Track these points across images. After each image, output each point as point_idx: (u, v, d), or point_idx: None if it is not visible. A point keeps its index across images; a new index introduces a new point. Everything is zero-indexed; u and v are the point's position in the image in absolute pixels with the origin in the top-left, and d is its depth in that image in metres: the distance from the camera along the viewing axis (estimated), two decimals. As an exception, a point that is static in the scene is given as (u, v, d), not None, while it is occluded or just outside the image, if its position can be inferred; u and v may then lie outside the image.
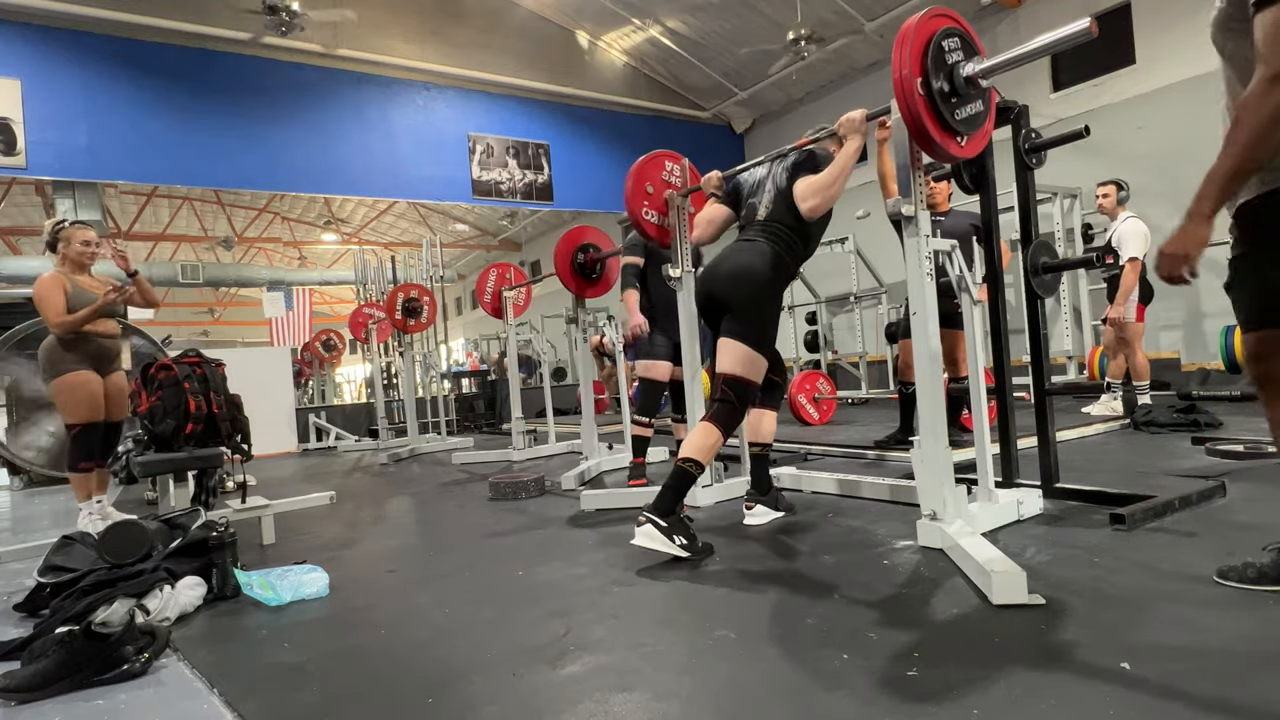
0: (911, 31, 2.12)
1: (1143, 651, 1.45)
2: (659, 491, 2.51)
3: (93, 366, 3.58)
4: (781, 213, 2.70)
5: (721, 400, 2.61)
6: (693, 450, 2.53)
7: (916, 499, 2.51)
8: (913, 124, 2.17)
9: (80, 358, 3.52)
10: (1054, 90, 7.62)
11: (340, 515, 3.84)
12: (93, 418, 3.56)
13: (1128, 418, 4.79)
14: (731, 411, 2.61)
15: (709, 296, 2.73)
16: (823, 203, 2.59)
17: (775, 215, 2.72)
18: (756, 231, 2.73)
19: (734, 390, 2.60)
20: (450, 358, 12.02)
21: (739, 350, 2.60)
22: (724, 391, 2.61)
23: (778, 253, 2.66)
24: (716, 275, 2.69)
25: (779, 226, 2.70)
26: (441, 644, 1.85)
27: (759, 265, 2.63)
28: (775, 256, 2.65)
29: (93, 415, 3.56)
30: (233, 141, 7.97)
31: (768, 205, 2.75)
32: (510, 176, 9.69)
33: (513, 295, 6.03)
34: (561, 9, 9.83)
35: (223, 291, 19.67)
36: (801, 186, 2.64)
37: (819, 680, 1.46)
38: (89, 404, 3.54)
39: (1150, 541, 2.22)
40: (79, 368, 3.51)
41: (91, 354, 3.58)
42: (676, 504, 2.49)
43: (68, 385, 3.50)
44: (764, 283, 2.63)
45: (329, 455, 7.78)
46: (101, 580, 2.21)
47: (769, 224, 2.72)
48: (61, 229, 3.67)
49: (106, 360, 3.67)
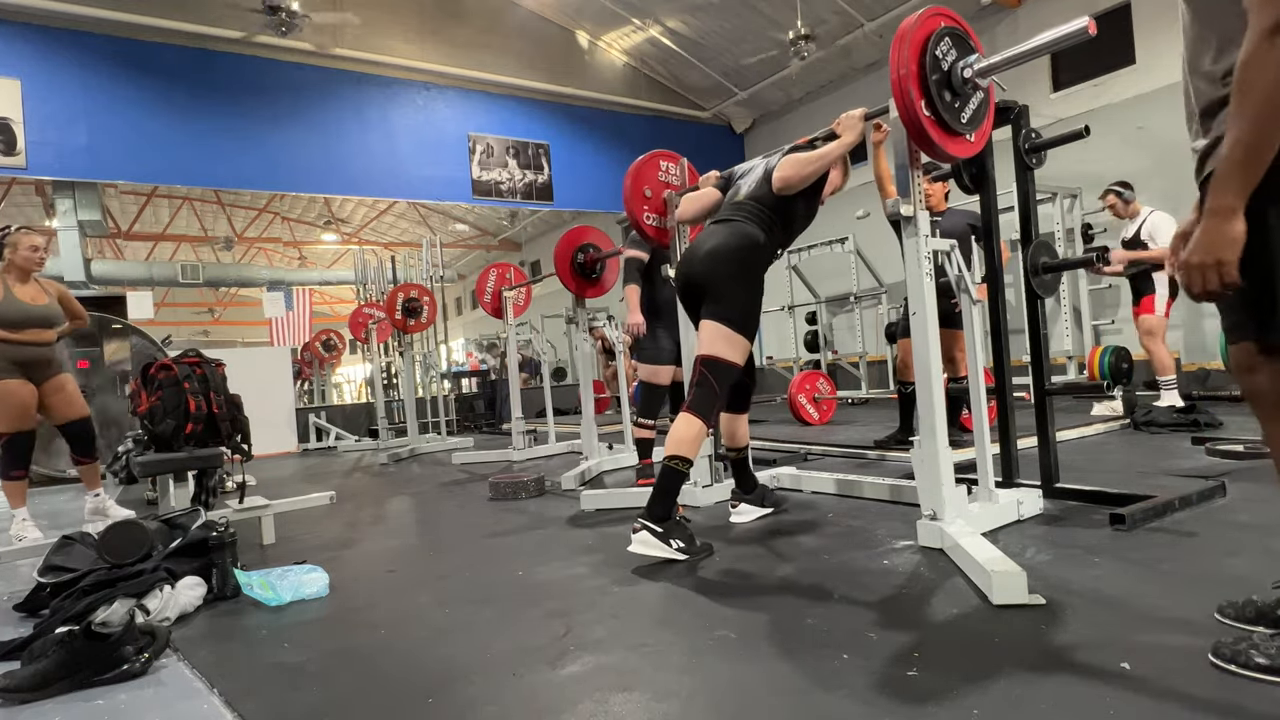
0: (909, 31, 2.13)
1: (1143, 651, 1.45)
2: (650, 496, 2.45)
3: (22, 375, 3.55)
4: (762, 193, 2.68)
5: (698, 384, 2.50)
6: (676, 445, 2.44)
7: (916, 499, 2.50)
8: (911, 124, 2.17)
9: (7, 366, 3.50)
10: (1054, 90, 7.62)
11: (340, 515, 3.84)
12: (19, 426, 3.53)
13: (1128, 418, 4.79)
14: (710, 395, 2.49)
15: (687, 280, 2.67)
16: (793, 176, 2.55)
17: (755, 195, 2.69)
18: (733, 211, 2.70)
19: (711, 371, 2.49)
20: (450, 358, 12.02)
21: (717, 330, 2.53)
22: (700, 373, 2.51)
23: (753, 230, 2.61)
24: (694, 257, 2.65)
25: (756, 205, 2.66)
26: (441, 644, 1.85)
27: (734, 243, 2.58)
28: (751, 233, 2.60)
29: (19, 424, 3.53)
30: (233, 141, 7.97)
31: (750, 186, 2.73)
32: (510, 176, 9.69)
33: (513, 295, 6.04)
34: (561, 9, 9.83)
35: (223, 291, 19.67)
36: (782, 160, 2.64)
37: (819, 680, 1.46)
38: (16, 413, 3.52)
39: (1150, 541, 2.22)
40: (5, 377, 3.50)
41: (20, 362, 3.55)
42: (670, 506, 2.43)
43: None
44: (740, 260, 2.56)
45: (329, 455, 7.78)
46: (101, 580, 2.20)
47: (746, 203, 2.68)
48: (8, 234, 3.66)
49: (39, 367, 3.63)
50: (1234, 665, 1.27)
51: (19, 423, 3.53)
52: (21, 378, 3.55)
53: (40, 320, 3.61)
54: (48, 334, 3.66)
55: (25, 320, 3.55)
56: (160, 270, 13.96)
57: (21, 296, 3.59)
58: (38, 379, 3.63)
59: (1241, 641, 1.29)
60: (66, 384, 3.76)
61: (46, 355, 3.66)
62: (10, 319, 3.50)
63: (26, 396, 3.56)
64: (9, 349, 3.51)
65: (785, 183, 2.58)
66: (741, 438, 2.98)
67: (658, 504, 2.42)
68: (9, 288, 3.56)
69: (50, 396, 3.68)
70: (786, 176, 2.57)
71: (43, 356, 3.64)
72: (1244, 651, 1.26)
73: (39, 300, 3.65)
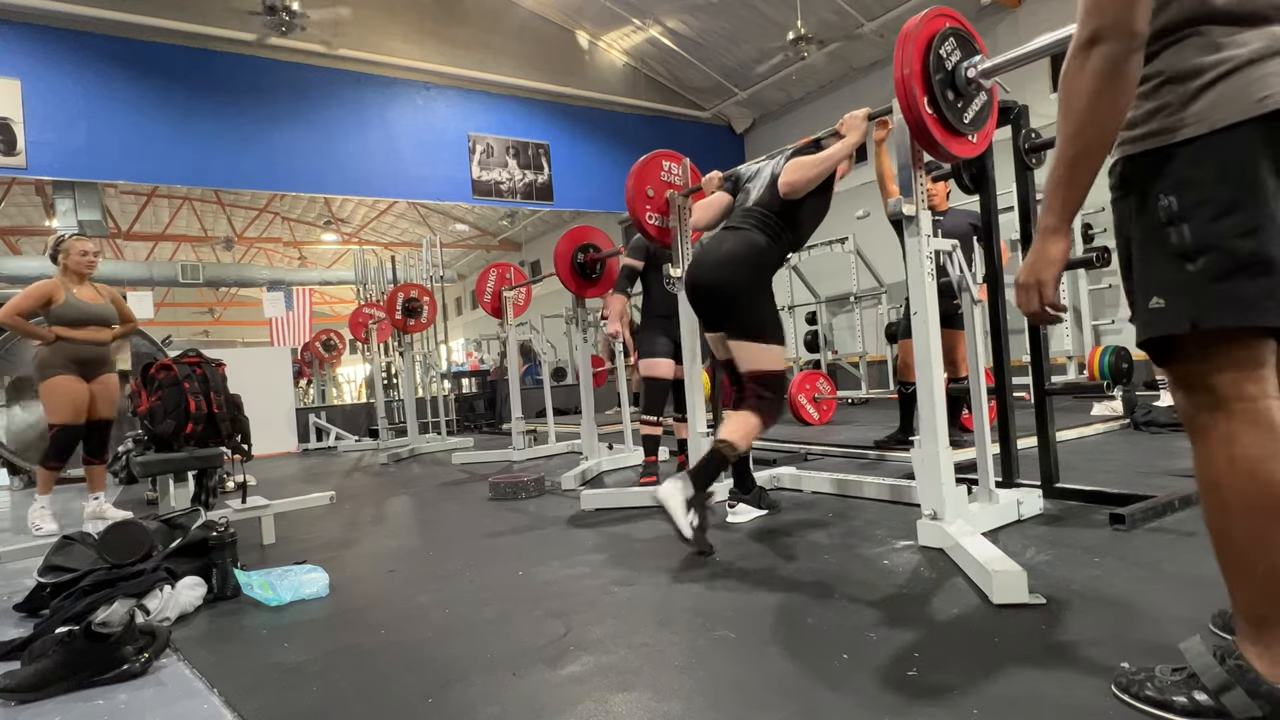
0: (913, 31, 2.13)
1: (1143, 651, 1.45)
2: (699, 463, 2.45)
3: (77, 372, 3.76)
4: (769, 199, 2.69)
5: (759, 397, 2.56)
6: (729, 433, 2.46)
7: (916, 499, 2.51)
8: (915, 124, 2.17)
9: (64, 363, 3.71)
10: (1054, 90, 7.61)
11: (340, 515, 3.84)
12: (74, 420, 3.75)
13: (1128, 418, 4.79)
14: (773, 404, 2.58)
15: (696, 286, 2.70)
16: (799, 180, 2.58)
17: (762, 201, 2.70)
18: (741, 218, 2.72)
19: (765, 386, 2.57)
20: (450, 358, 12.02)
21: (750, 349, 2.59)
22: (757, 391, 2.57)
23: (762, 238, 2.63)
24: (702, 264, 2.68)
25: (764, 212, 2.67)
26: (441, 644, 1.85)
27: (744, 252, 2.60)
28: (759, 242, 2.62)
29: (74, 417, 3.75)
30: (233, 141, 7.97)
31: (758, 192, 2.74)
32: (510, 176, 9.69)
33: (513, 295, 6.04)
34: (561, 9, 9.82)
35: (223, 291, 19.68)
36: (787, 165, 2.65)
37: (819, 680, 1.46)
38: (71, 407, 3.73)
39: (1150, 541, 2.22)
40: (63, 373, 3.71)
41: (76, 360, 3.75)
42: (711, 480, 2.43)
43: (51, 388, 3.70)
44: (751, 270, 2.59)
45: (329, 455, 7.78)
46: (101, 580, 2.20)
47: (754, 210, 2.70)
48: (62, 241, 3.87)
49: (94, 366, 3.84)
50: (1126, 695, 1.25)
51: (73, 416, 3.74)
52: (78, 374, 3.76)
53: (98, 319, 3.84)
54: (105, 333, 3.89)
55: (85, 319, 3.79)
56: (160, 270, 13.95)
57: (81, 297, 3.82)
58: (90, 376, 3.83)
59: (1141, 673, 1.26)
60: (111, 383, 3.96)
61: (102, 354, 3.90)
62: (71, 318, 3.74)
63: (82, 392, 3.78)
64: (69, 347, 3.74)
65: (791, 188, 2.60)
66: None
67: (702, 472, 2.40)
68: (69, 289, 3.79)
69: (97, 393, 3.87)
70: (792, 181, 2.59)
71: (99, 355, 3.87)
72: (1138, 683, 1.24)
73: (96, 300, 3.88)
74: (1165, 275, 1.11)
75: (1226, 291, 1.06)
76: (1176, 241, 1.09)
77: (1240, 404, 1.10)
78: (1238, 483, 1.10)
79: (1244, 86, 1.04)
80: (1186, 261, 1.08)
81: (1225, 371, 1.10)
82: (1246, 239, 1.04)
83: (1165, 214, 1.10)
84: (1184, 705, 1.18)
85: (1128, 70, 1.06)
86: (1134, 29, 1.05)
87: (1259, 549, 1.10)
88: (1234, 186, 1.05)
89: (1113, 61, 1.05)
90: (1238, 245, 1.05)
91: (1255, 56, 1.04)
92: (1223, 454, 1.11)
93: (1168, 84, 1.10)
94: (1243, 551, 1.12)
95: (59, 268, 3.82)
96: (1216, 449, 1.12)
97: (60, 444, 3.74)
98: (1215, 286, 1.06)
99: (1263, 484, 1.08)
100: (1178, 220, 1.08)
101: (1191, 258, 1.08)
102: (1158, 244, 1.12)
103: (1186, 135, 1.08)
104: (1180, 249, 1.08)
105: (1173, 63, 1.10)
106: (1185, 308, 1.09)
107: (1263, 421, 1.09)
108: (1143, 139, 1.13)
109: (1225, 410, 1.11)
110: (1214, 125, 1.05)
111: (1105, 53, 1.05)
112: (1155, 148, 1.11)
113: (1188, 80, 1.08)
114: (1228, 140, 1.05)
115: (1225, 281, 1.06)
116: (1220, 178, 1.05)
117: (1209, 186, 1.06)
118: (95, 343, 3.82)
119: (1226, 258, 1.05)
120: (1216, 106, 1.05)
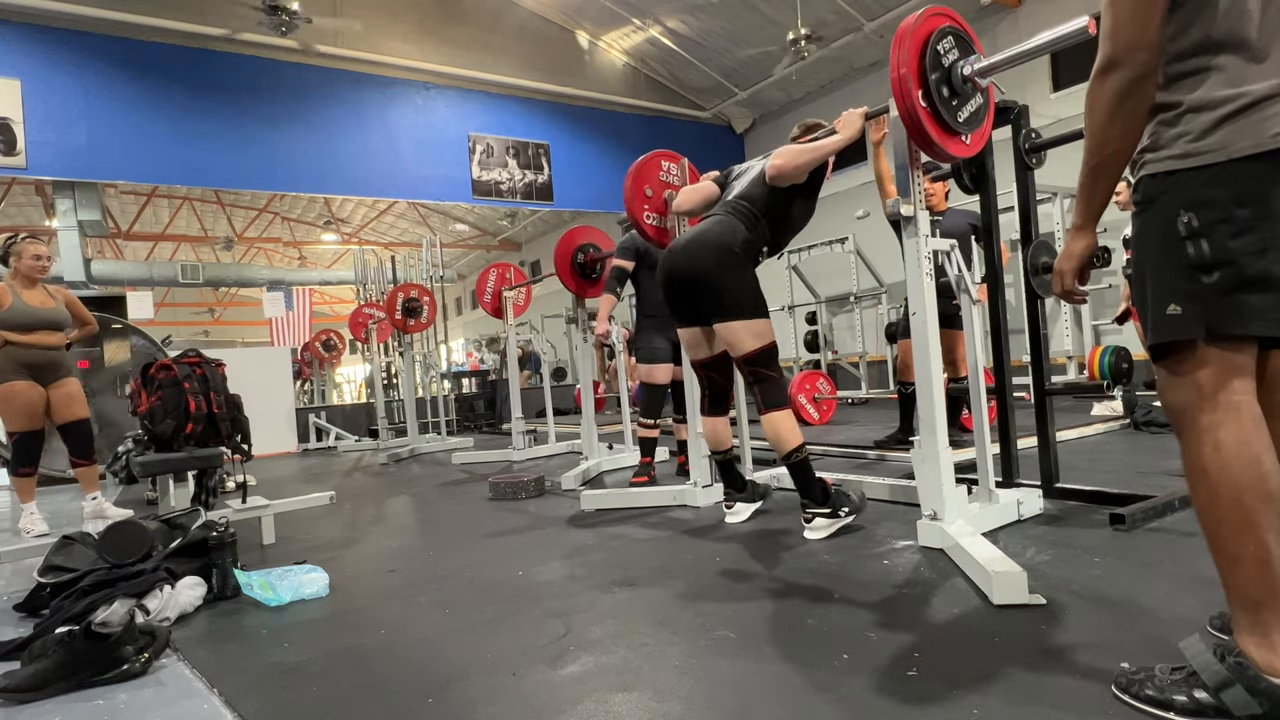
0: (909, 31, 2.13)
1: (1143, 651, 1.45)
2: (800, 490, 2.57)
3: (30, 377, 3.70)
4: (752, 191, 2.69)
5: (757, 382, 2.59)
6: (782, 443, 2.54)
7: (916, 499, 2.50)
8: (911, 123, 2.17)
9: (15, 369, 3.65)
10: (1054, 90, 7.61)
11: (340, 515, 3.84)
12: (29, 426, 3.71)
13: (1128, 418, 4.79)
14: (774, 384, 2.60)
15: (671, 273, 2.68)
16: (786, 165, 2.57)
17: (744, 193, 2.71)
18: (720, 207, 2.73)
19: (758, 366, 2.58)
20: (450, 358, 12.02)
21: (735, 328, 2.58)
22: (750, 374, 2.60)
23: (738, 223, 2.63)
24: (675, 252, 2.68)
25: (742, 203, 2.68)
26: (441, 644, 1.85)
27: (717, 234, 2.61)
28: (732, 225, 2.62)
29: (29, 424, 3.70)
30: (232, 141, 7.97)
31: (742, 186, 2.75)
32: (510, 176, 9.69)
33: (513, 295, 6.04)
34: (561, 9, 9.82)
35: (223, 291, 19.67)
36: (777, 150, 2.66)
37: (819, 680, 1.46)
38: (25, 413, 3.67)
39: (1150, 541, 2.22)
40: (15, 379, 3.65)
41: (27, 365, 3.69)
42: (818, 486, 2.55)
43: (2, 396, 3.63)
44: (724, 252, 2.58)
45: (329, 455, 7.78)
46: (101, 580, 2.20)
47: (734, 201, 2.71)
48: (13, 243, 3.79)
49: (47, 370, 3.78)
50: (1126, 695, 1.27)
51: (28, 422, 3.69)
52: (29, 379, 3.69)
53: (48, 323, 3.76)
54: (55, 337, 3.81)
55: (33, 323, 3.70)
56: (160, 270, 13.94)
57: (30, 301, 3.74)
58: (46, 381, 3.77)
59: (1141, 673, 1.28)
60: (71, 386, 3.88)
61: (55, 358, 3.82)
62: (19, 322, 3.66)
63: (35, 398, 3.71)
64: (18, 351, 3.66)
65: (779, 171, 2.59)
66: (726, 441, 2.94)
67: (809, 490, 2.55)
68: (17, 293, 3.71)
69: (55, 397, 3.81)
70: (780, 165, 2.59)
71: (51, 360, 3.79)
72: (1138, 682, 1.26)
73: (46, 304, 3.80)
74: (1181, 285, 1.19)
75: (1236, 303, 1.15)
76: (1194, 254, 1.17)
77: (1225, 397, 1.18)
78: (1224, 466, 1.16)
79: (1259, 122, 1.14)
80: (1203, 273, 1.17)
81: (1214, 371, 1.19)
82: (1258, 257, 1.14)
83: (1185, 229, 1.18)
84: (1184, 704, 1.19)
85: (1140, 93, 1.19)
86: (1145, 55, 1.17)
87: (1247, 531, 1.15)
88: (1250, 208, 1.14)
89: (1126, 85, 1.18)
90: (1250, 262, 1.14)
91: (1270, 94, 1.14)
92: (1209, 440, 1.19)
93: (1190, 113, 1.19)
94: (1233, 534, 1.17)
95: (9, 271, 3.75)
96: (1204, 436, 1.20)
97: (21, 451, 3.70)
98: (1227, 298, 1.16)
99: (1247, 465, 1.15)
100: (1197, 236, 1.17)
101: (1208, 270, 1.16)
102: (1175, 256, 1.20)
103: (1208, 160, 1.17)
104: (1199, 261, 1.17)
105: (1194, 94, 1.19)
106: (1200, 316, 1.18)
107: (1245, 413, 1.18)
108: (1166, 160, 1.22)
109: (1211, 403, 1.19)
110: (1233, 155, 1.15)
111: (1121, 77, 1.18)
112: (1178, 169, 1.20)
113: (1207, 111, 1.17)
114: (1246, 168, 1.14)
115: (1236, 294, 1.15)
116: (1238, 200, 1.15)
117: (1227, 206, 1.15)
118: (46, 347, 3.74)
119: (1240, 272, 1.15)
120: (1236, 137, 1.15)
